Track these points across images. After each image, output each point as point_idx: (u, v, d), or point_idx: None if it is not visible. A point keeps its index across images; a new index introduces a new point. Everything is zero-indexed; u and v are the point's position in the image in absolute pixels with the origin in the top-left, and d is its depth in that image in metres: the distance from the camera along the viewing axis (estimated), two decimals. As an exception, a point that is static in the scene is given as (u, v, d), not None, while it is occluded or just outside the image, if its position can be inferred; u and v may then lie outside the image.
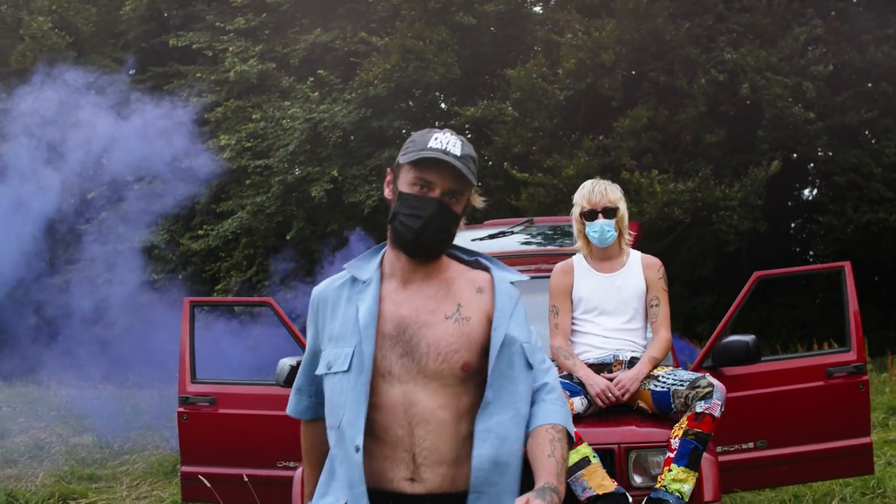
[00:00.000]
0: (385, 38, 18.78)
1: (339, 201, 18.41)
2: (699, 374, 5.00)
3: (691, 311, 18.08)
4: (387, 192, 3.06)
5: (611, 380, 5.13)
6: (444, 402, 2.86)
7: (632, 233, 5.88)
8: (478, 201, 3.07)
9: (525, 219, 8.74)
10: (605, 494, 4.65)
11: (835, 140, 16.38)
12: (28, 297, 13.95)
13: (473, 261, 3.12)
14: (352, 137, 18.77)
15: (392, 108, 19.17)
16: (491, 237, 8.12)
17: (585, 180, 5.66)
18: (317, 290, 3.13)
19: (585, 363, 5.25)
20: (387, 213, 3.05)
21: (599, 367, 5.24)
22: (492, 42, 19.25)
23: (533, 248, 8.16)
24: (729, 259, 17.94)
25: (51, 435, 12.25)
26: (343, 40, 19.88)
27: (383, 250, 3.08)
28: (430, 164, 2.89)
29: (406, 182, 2.94)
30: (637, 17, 16.34)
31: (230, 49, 19.94)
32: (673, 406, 4.95)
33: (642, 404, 5.13)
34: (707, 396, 4.81)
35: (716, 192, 15.54)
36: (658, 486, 4.73)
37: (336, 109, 18.28)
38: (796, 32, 15.84)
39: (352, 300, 2.98)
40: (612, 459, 4.86)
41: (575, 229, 5.50)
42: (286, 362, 6.18)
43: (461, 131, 19.99)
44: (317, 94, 18.95)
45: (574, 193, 5.59)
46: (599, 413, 5.17)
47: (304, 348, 3.37)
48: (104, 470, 10.57)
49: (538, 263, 7.11)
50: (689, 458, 4.70)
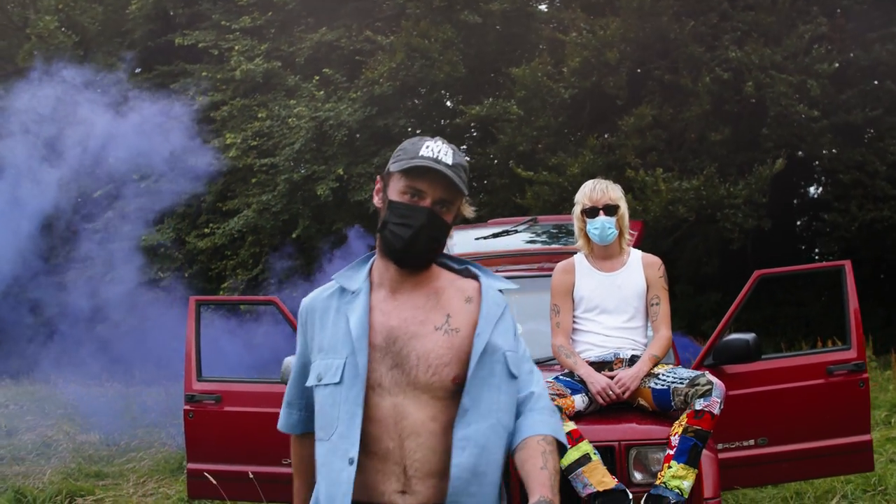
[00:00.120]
0: (390, 37, 18.79)
1: (344, 200, 18.44)
2: (699, 373, 5.05)
3: (696, 308, 18.07)
4: (376, 201, 3.01)
5: (611, 378, 5.18)
6: (435, 413, 2.82)
7: (632, 232, 5.93)
8: (468, 210, 3.02)
9: (529, 217, 8.77)
10: (605, 491, 4.71)
11: (839, 138, 16.35)
12: (33, 295, 13.98)
13: (463, 269, 3.07)
14: (357, 136, 18.80)
15: (397, 107, 19.18)
16: (495, 236, 8.16)
17: (590, 178, 5.71)
18: (305, 301, 3.07)
19: (586, 361, 5.29)
20: None
21: (600, 366, 5.28)
22: (497, 40, 19.26)
23: (538, 246, 8.21)
24: (734, 257, 17.93)
25: (58, 433, 12.32)
26: (348, 39, 19.91)
27: (372, 260, 3.04)
28: (422, 173, 2.85)
29: (396, 190, 2.89)
30: (642, 15, 16.34)
31: (236, 48, 19.99)
32: (673, 404, 5.00)
33: (643, 402, 5.18)
34: (706, 394, 4.85)
35: (720, 190, 15.52)
36: (658, 482, 4.79)
37: (341, 108, 18.30)
38: (801, 31, 15.82)
39: (341, 311, 2.93)
40: (612, 456, 4.92)
41: (576, 228, 5.54)
42: (291, 360, 6.22)
43: (466, 129, 20.05)
44: (322, 92, 18.97)
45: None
46: (600, 411, 5.21)
47: None
48: (111, 467, 10.64)
49: (541, 262, 7.16)
50: (688, 455, 4.75)
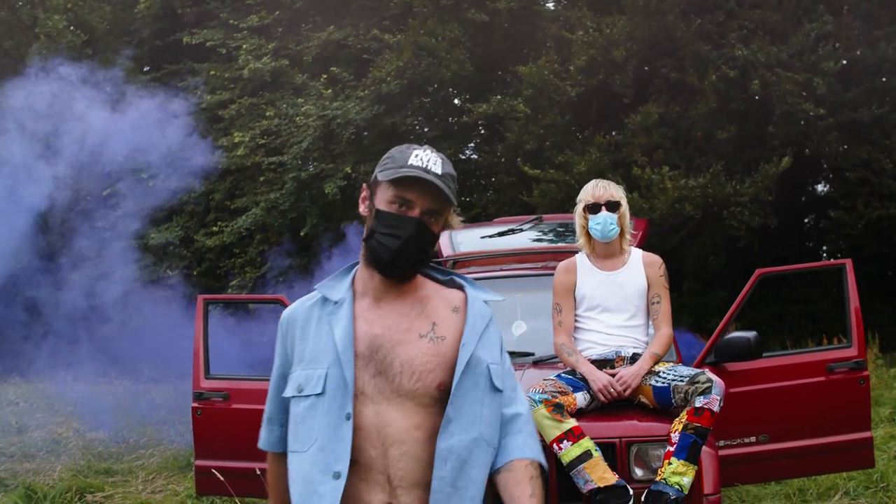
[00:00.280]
0: (398, 35, 18.82)
1: (352, 198, 18.47)
2: (699, 370, 5.11)
3: (703, 306, 18.08)
4: (362, 209, 2.96)
5: (613, 375, 5.24)
6: (419, 421, 2.78)
7: (634, 232, 5.98)
8: (455, 221, 2.96)
9: (534, 216, 8.82)
10: (606, 487, 4.78)
11: (845, 136, 16.38)
12: (37, 294, 14.03)
13: (448, 280, 3.03)
14: (365, 134, 18.84)
15: (405, 105, 19.22)
16: (500, 234, 8.22)
17: (597, 176, 5.77)
18: (286, 312, 3.01)
19: (588, 359, 5.35)
20: None
21: (602, 364, 5.33)
22: (504, 39, 19.28)
23: (544, 244, 8.26)
24: (741, 254, 17.92)
25: (67, 430, 12.38)
26: (356, 37, 19.95)
27: (354, 269, 2.99)
28: (411, 183, 2.79)
29: (384, 200, 2.84)
30: (648, 13, 16.36)
31: (244, 46, 20.02)
32: (673, 401, 5.06)
33: (643, 399, 5.23)
34: (706, 392, 4.91)
35: (727, 187, 15.53)
36: (658, 478, 4.85)
37: (349, 106, 18.33)
38: (807, 29, 15.83)
39: (323, 320, 2.87)
40: (613, 453, 4.98)
41: (577, 226, 5.59)
42: None
43: (474, 128, 20.07)
44: (330, 91, 19.00)
45: None
46: (602, 408, 5.27)
47: None
48: (120, 464, 10.69)
49: (546, 261, 7.21)
50: (688, 452, 4.81)
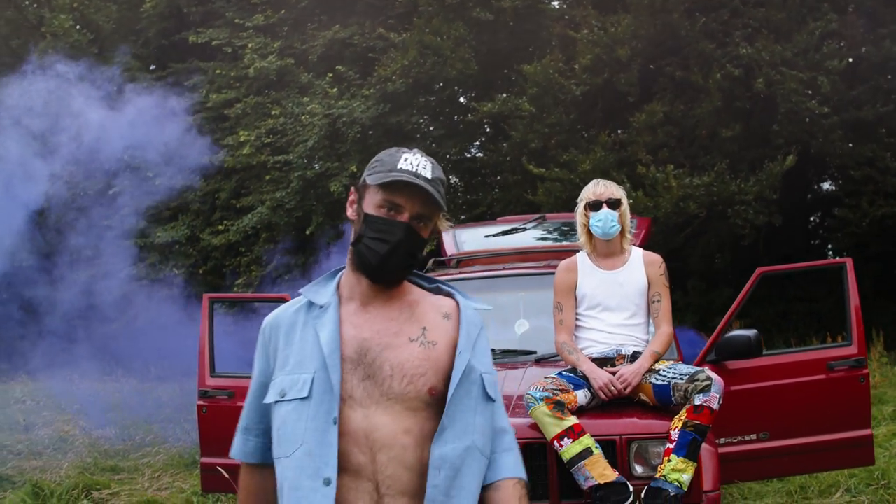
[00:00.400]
0: (403, 34, 18.84)
1: (358, 196, 18.50)
2: (698, 368, 5.15)
3: (708, 304, 18.09)
4: (350, 213, 2.91)
5: (613, 373, 5.27)
6: (408, 426, 2.71)
7: (635, 231, 6.02)
8: (444, 226, 2.92)
9: (537, 215, 8.86)
10: (606, 483, 4.83)
11: (850, 134, 16.39)
12: (42, 292, 14.08)
13: (434, 287, 2.98)
14: (370, 133, 18.86)
15: (410, 104, 19.24)
16: (504, 233, 8.27)
17: (602, 175, 5.83)
18: (269, 318, 2.92)
19: (589, 358, 5.39)
20: None
21: (603, 362, 5.37)
22: (509, 37, 19.29)
23: (549, 243, 8.30)
24: (746, 253, 17.94)
25: (74, 428, 12.45)
26: (361, 36, 19.97)
27: (340, 274, 2.94)
28: (400, 187, 2.76)
29: (373, 204, 2.80)
30: (653, 12, 16.39)
31: (249, 45, 20.06)
32: (673, 399, 5.10)
33: (644, 397, 5.28)
34: (705, 389, 4.95)
35: (731, 186, 15.55)
36: (658, 475, 4.89)
37: (355, 105, 18.34)
38: (811, 27, 15.84)
39: (309, 325, 2.80)
40: (613, 450, 5.02)
41: (579, 225, 5.64)
42: None
43: (479, 126, 20.09)
44: (335, 89, 19.02)
45: None
46: (602, 406, 5.31)
47: None
48: (126, 462, 10.74)
49: (549, 259, 7.24)
50: (687, 449, 4.85)
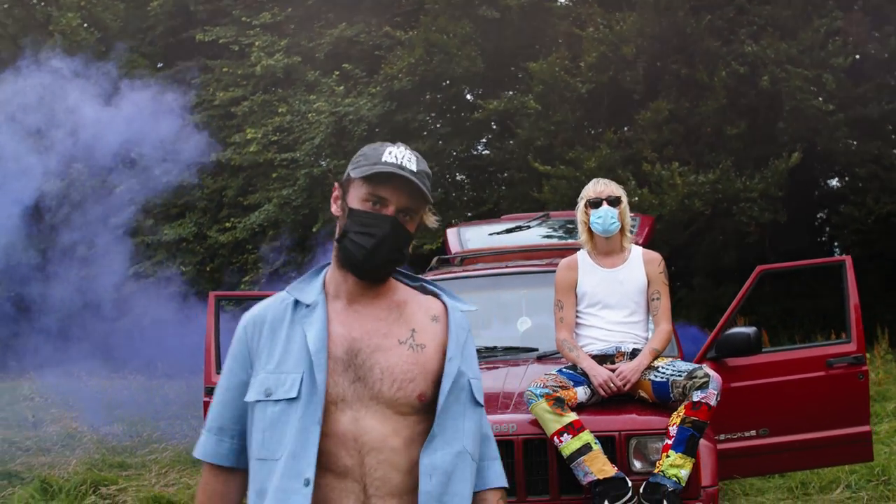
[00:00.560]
0: (409, 32, 18.87)
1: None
2: (696, 366, 5.21)
3: (714, 301, 18.08)
4: (334, 209, 2.83)
5: (613, 370, 5.32)
6: (397, 429, 2.66)
7: (633, 229, 6.07)
8: (431, 220, 2.85)
9: (541, 213, 8.91)
10: (605, 479, 4.89)
11: (855, 131, 16.40)
12: (47, 290, 14.12)
13: (418, 285, 2.92)
14: (377, 130, 18.87)
15: (417, 102, 19.29)
16: (508, 231, 8.32)
17: (607, 172, 5.88)
18: (251, 314, 2.83)
19: (589, 355, 5.43)
20: None
21: (602, 359, 5.42)
22: (515, 35, 19.29)
23: (553, 241, 8.36)
24: (752, 250, 17.95)
25: (82, 424, 12.52)
26: (368, 34, 20.03)
27: (325, 271, 2.87)
28: (385, 180, 2.68)
29: (357, 198, 2.73)
30: (658, 10, 16.41)
31: (256, 43, 20.11)
32: (672, 395, 5.15)
33: (643, 394, 5.32)
34: (703, 386, 5.01)
35: (736, 183, 15.57)
36: (656, 471, 4.95)
37: (361, 103, 18.39)
38: (816, 25, 15.85)
39: (296, 323, 2.73)
40: (613, 446, 5.08)
41: (579, 223, 5.69)
42: None
43: (485, 124, 20.12)
44: (342, 87, 19.07)
45: None
46: (602, 402, 5.36)
47: None
48: (134, 458, 10.81)
49: (552, 257, 7.29)
50: (685, 445, 4.91)
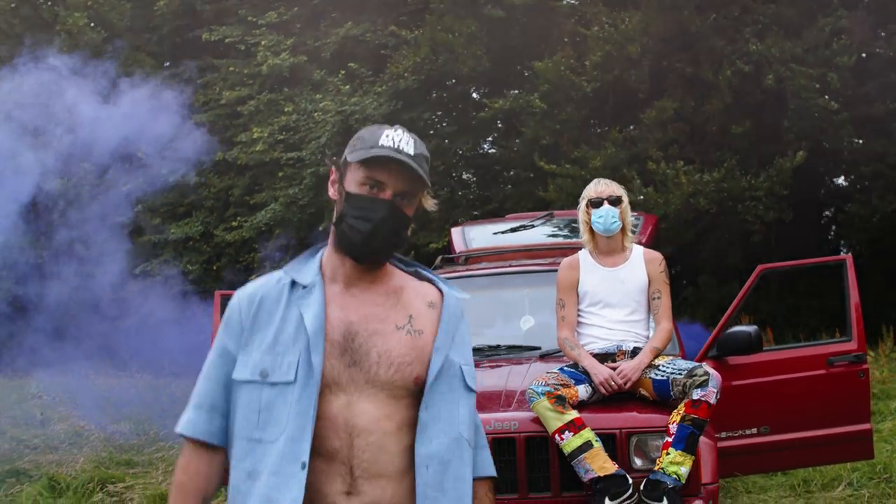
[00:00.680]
0: (415, 31, 18.88)
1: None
2: (696, 364, 5.26)
3: (720, 300, 18.08)
4: (331, 192, 2.83)
5: (614, 369, 5.37)
6: (390, 412, 2.65)
7: (638, 230, 6.12)
8: (430, 204, 2.83)
9: (545, 212, 8.95)
10: (606, 476, 4.94)
11: (860, 130, 16.39)
12: (52, 288, 14.15)
13: (413, 271, 2.90)
14: (383, 129, 18.91)
15: (422, 101, 19.32)
16: (512, 230, 8.36)
17: (612, 171, 5.93)
18: (244, 291, 2.81)
19: (591, 353, 5.48)
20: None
21: (604, 357, 5.47)
22: (520, 34, 19.30)
23: (557, 240, 8.40)
24: (758, 248, 17.94)
25: (90, 423, 12.56)
26: (373, 33, 20.04)
27: (321, 252, 2.85)
28: (382, 163, 2.66)
29: (354, 182, 2.71)
30: (663, 9, 16.42)
31: (262, 43, 20.13)
32: (672, 393, 5.20)
33: (643, 392, 5.37)
34: (703, 384, 5.05)
35: (741, 182, 15.58)
36: (657, 468, 5.00)
37: (367, 102, 18.40)
38: (821, 23, 15.84)
39: (292, 304, 2.71)
40: (614, 443, 5.13)
41: (581, 223, 5.74)
42: None
43: (491, 122, 20.14)
44: (348, 86, 19.08)
45: None
46: (603, 400, 5.41)
47: None
48: (141, 456, 10.85)
49: (554, 256, 7.33)
50: (685, 443, 4.96)
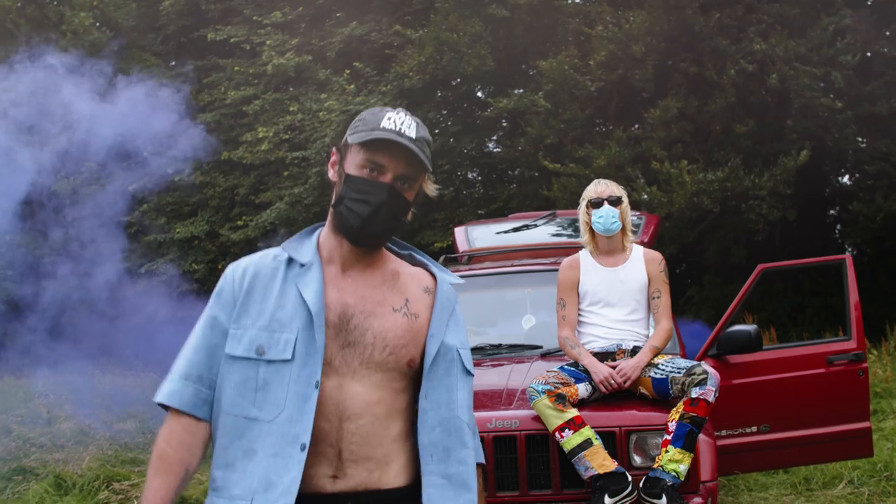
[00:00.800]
0: (420, 31, 18.89)
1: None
2: (695, 363, 5.31)
3: (724, 299, 18.08)
4: (331, 174, 2.78)
5: (614, 367, 5.42)
6: (381, 396, 2.65)
7: (640, 230, 6.16)
8: (431, 189, 2.81)
9: (548, 212, 8.99)
10: (606, 473, 4.99)
11: (864, 129, 16.40)
12: (58, 287, 14.20)
13: (407, 255, 2.90)
14: (387, 129, 18.93)
15: (427, 100, 19.33)
16: (515, 230, 8.40)
17: (616, 170, 5.98)
18: (240, 264, 2.79)
19: (591, 352, 5.53)
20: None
21: (604, 356, 5.52)
22: (524, 34, 19.32)
23: (560, 240, 8.44)
24: (762, 247, 17.94)
25: (95, 421, 12.62)
26: (378, 33, 20.08)
27: (318, 232, 2.83)
28: (383, 146, 2.62)
29: (354, 164, 2.67)
30: (667, 8, 16.42)
31: (267, 42, 20.16)
32: (671, 392, 5.24)
33: (643, 390, 5.42)
34: (702, 383, 5.10)
35: (745, 181, 15.58)
36: (656, 465, 5.05)
37: (372, 101, 18.38)
38: (825, 22, 15.85)
39: (289, 281, 2.69)
40: (613, 441, 5.18)
41: (581, 223, 5.80)
42: None
43: (496, 121, 20.18)
44: (353, 86, 19.12)
45: None
46: (603, 398, 5.46)
47: None
48: (146, 454, 10.87)
49: (556, 256, 7.38)
50: (684, 440, 5.01)
